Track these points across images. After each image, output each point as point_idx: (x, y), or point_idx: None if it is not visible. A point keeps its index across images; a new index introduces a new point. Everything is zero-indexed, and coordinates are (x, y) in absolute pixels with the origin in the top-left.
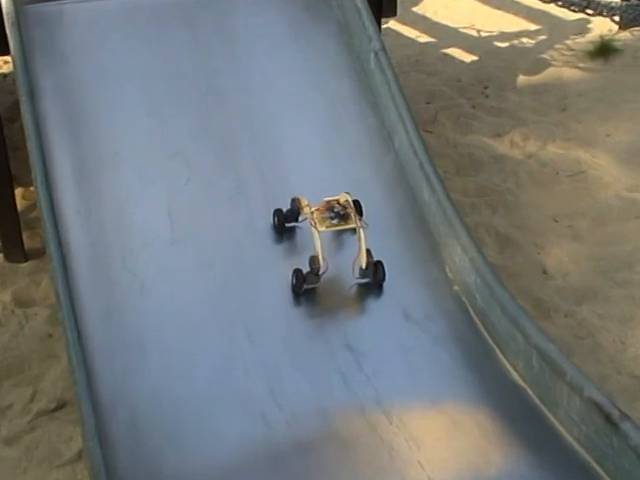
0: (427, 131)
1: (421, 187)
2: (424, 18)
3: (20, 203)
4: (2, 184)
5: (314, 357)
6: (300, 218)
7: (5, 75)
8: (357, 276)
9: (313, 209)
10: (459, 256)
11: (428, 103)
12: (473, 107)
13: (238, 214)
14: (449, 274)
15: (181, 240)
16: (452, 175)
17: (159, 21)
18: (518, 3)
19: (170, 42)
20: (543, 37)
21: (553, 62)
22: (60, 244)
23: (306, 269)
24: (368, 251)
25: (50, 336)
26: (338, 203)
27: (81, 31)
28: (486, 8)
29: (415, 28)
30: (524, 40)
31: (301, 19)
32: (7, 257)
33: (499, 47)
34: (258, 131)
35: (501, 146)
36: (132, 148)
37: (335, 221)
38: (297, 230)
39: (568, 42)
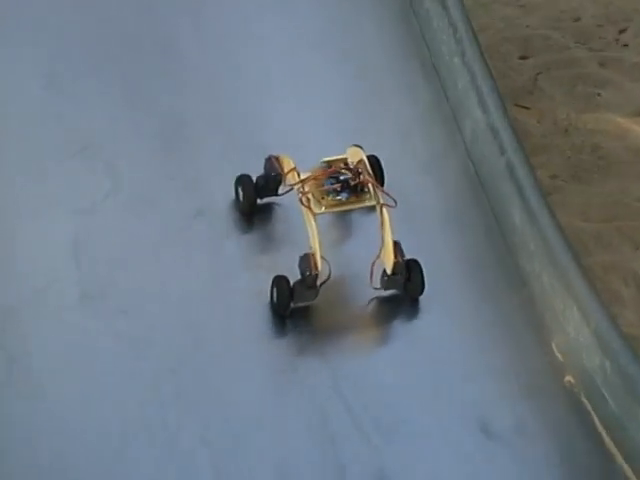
0: (521, 106)
1: (508, 204)
2: None
3: None
4: None
5: None
6: (281, 189)
7: None
8: (378, 286)
9: (304, 176)
10: (574, 323)
11: (523, 58)
12: (601, 65)
13: (189, 244)
14: (557, 354)
15: (95, 296)
16: (564, 181)
17: None
18: None
19: None
20: None
21: None
22: None
23: (294, 276)
24: (396, 245)
25: None
26: (345, 166)
27: None
28: None
29: None
30: None
31: None
32: None
33: None
34: (231, 106)
35: None
36: (13, 140)
37: (342, 196)
38: (276, 209)
39: None
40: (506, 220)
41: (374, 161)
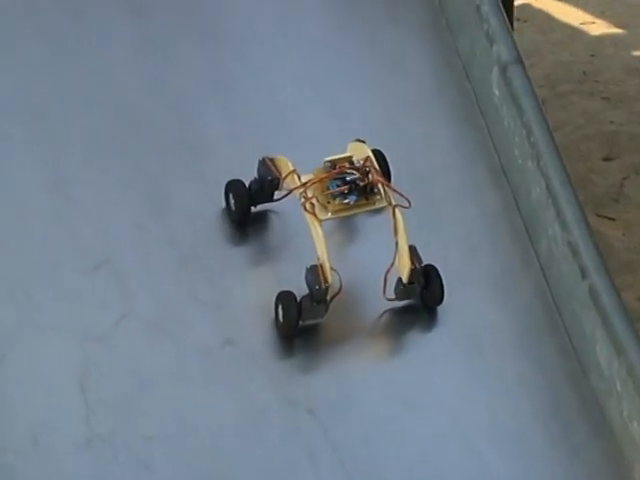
0: (604, 217)
1: (591, 335)
2: None
3: None
4: None
5: None
6: (277, 194)
7: None
8: (392, 297)
9: (305, 179)
10: None
11: (608, 160)
12: None
13: (212, 376)
14: None
15: (105, 438)
16: None
17: None
18: None
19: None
20: None
21: None
22: None
23: (301, 291)
24: (412, 250)
25: None
26: (351, 166)
27: None
28: None
29: (581, 7)
30: None
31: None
32: None
33: None
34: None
35: None
36: (12, 255)
37: (349, 199)
38: (273, 217)
39: None
40: (588, 355)
41: (379, 156)
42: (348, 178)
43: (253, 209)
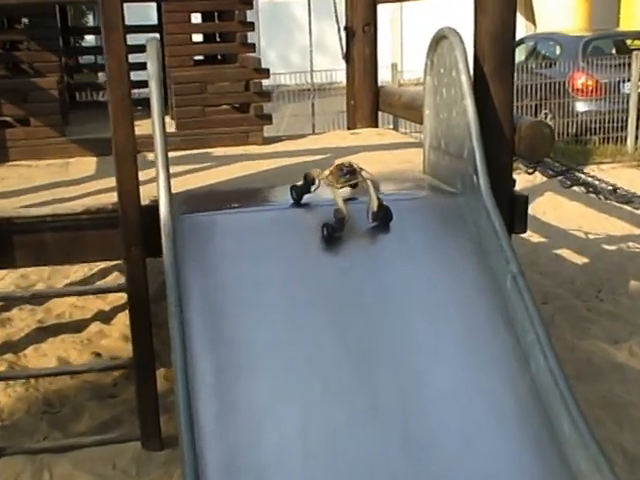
0: None
1: (560, 417)
2: (534, 218)
3: (160, 384)
4: (145, 365)
5: None
6: (312, 188)
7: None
8: (370, 220)
9: (326, 173)
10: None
11: (544, 303)
12: (588, 310)
13: (373, 431)
14: None
15: (314, 457)
16: (573, 382)
17: (305, 234)
18: (620, 208)
19: (313, 253)
20: None
21: None
22: (195, 458)
23: (332, 221)
24: (378, 198)
25: None
26: (344, 165)
27: (231, 240)
28: (591, 211)
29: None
30: (630, 244)
31: (439, 233)
32: (144, 444)
33: (607, 250)
34: (395, 343)
35: (620, 354)
36: (270, 357)
37: (346, 178)
38: (312, 196)
39: None
40: (558, 427)
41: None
42: (345, 170)
43: (304, 196)
